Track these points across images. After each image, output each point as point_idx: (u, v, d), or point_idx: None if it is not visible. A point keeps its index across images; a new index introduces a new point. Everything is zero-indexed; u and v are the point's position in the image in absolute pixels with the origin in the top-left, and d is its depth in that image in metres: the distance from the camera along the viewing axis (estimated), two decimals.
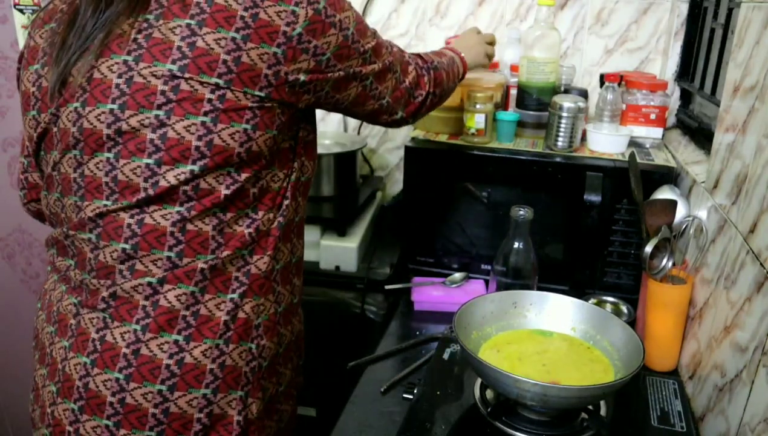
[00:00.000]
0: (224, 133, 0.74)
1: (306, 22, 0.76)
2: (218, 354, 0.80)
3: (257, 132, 0.76)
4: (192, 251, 0.77)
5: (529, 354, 0.97)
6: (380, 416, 0.99)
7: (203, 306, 0.79)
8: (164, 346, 0.77)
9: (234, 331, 0.81)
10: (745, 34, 0.95)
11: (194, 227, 0.77)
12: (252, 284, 0.82)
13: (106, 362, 0.77)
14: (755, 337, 0.78)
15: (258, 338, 0.84)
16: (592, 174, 1.27)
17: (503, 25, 1.72)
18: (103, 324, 0.78)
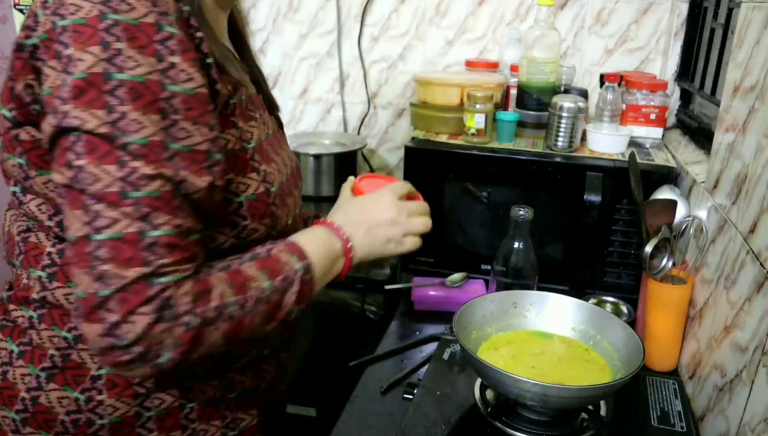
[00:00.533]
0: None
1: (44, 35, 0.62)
2: (35, 386, 0.73)
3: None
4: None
5: (523, 355, 0.97)
6: (380, 416, 0.99)
7: (36, 332, 0.74)
8: (2, 352, 0.75)
9: (60, 371, 0.73)
10: (745, 34, 0.95)
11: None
12: None
13: None
14: (755, 337, 0.78)
15: (93, 391, 0.73)
16: (592, 174, 1.27)
17: (503, 25, 1.72)
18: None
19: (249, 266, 0.69)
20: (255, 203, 0.73)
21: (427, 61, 1.81)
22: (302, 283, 0.73)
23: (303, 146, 1.72)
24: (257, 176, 0.74)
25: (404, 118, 1.88)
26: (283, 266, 0.72)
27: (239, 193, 0.71)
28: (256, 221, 0.74)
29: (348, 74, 1.88)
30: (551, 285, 1.31)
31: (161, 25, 0.61)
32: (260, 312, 0.68)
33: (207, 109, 0.64)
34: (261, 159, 0.75)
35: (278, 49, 1.89)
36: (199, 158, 0.63)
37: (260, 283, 0.69)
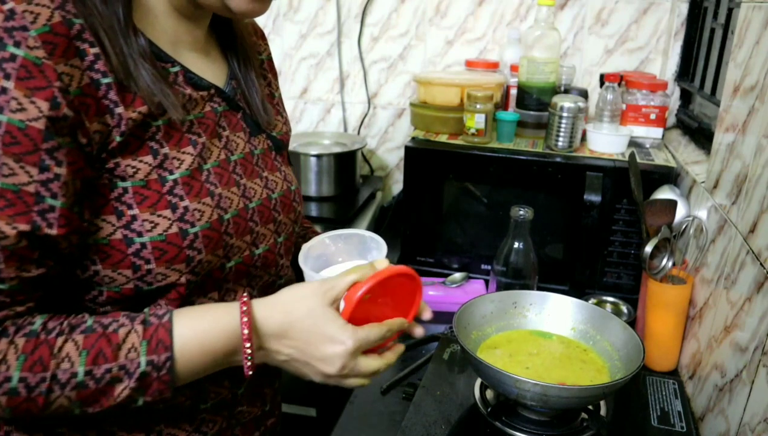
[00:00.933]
0: None
1: None
2: None
3: None
4: None
5: (519, 355, 0.97)
6: (380, 416, 0.99)
7: None
8: None
9: None
10: (745, 34, 0.95)
11: None
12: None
13: None
14: (755, 337, 0.78)
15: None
16: (592, 174, 1.27)
17: (503, 25, 1.72)
18: None
19: (71, 341, 0.59)
20: (162, 245, 0.64)
21: (427, 61, 1.81)
22: (144, 379, 0.61)
23: (303, 146, 1.72)
24: (171, 214, 0.64)
25: (404, 118, 1.88)
26: (120, 353, 0.60)
27: (143, 232, 0.63)
28: (164, 266, 0.64)
29: (348, 74, 1.88)
30: (551, 285, 1.31)
31: (4, 43, 0.54)
32: (68, 397, 0.59)
33: (38, 147, 0.56)
34: (186, 192, 0.66)
35: (278, 49, 1.89)
36: (27, 200, 0.56)
37: (72, 366, 0.59)
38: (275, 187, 0.80)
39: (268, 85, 0.90)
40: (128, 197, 0.62)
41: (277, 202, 0.79)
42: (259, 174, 0.78)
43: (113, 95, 0.60)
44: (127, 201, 0.63)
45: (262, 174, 0.78)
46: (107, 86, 0.60)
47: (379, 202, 1.83)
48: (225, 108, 0.75)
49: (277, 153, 0.83)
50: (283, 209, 0.80)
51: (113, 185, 0.62)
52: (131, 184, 0.63)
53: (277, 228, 0.79)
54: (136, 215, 0.63)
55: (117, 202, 0.62)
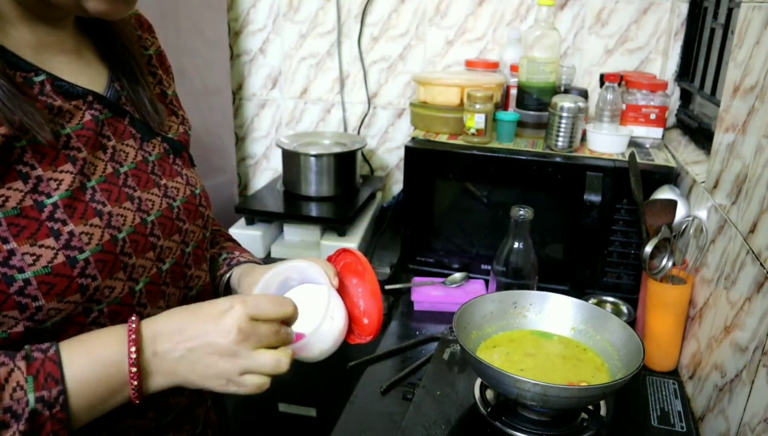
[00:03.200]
0: None
1: None
2: None
3: None
4: None
5: (517, 354, 0.97)
6: (380, 416, 0.99)
7: None
8: None
9: None
10: (745, 34, 0.95)
11: None
12: None
13: None
14: (755, 337, 0.78)
15: None
16: (592, 174, 1.27)
17: (503, 25, 1.72)
18: None
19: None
20: (49, 279, 0.57)
21: (427, 61, 1.81)
22: (36, 418, 0.54)
23: (303, 146, 1.72)
24: (54, 242, 0.58)
25: (404, 118, 1.88)
26: (3, 394, 0.53)
27: (24, 267, 0.56)
28: (55, 301, 0.58)
29: (348, 74, 1.88)
30: (551, 285, 1.31)
31: None
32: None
33: None
34: (69, 215, 0.60)
35: (278, 49, 1.89)
36: None
37: None
38: (177, 194, 0.73)
39: (159, 83, 0.80)
40: (2, 230, 0.55)
41: (181, 211, 0.73)
42: (156, 182, 0.71)
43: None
44: (1, 235, 0.55)
45: (160, 182, 0.72)
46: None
47: (379, 202, 1.84)
48: (108, 115, 0.68)
49: (176, 156, 0.76)
50: (189, 217, 0.74)
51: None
52: (3, 216, 0.55)
53: (184, 238, 0.73)
54: (14, 249, 0.56)
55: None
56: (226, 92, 1.83)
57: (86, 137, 0.64)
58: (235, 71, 1.93)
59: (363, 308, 0.79)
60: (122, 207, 0.65)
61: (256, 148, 2.03)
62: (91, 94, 0.67)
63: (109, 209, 0.64)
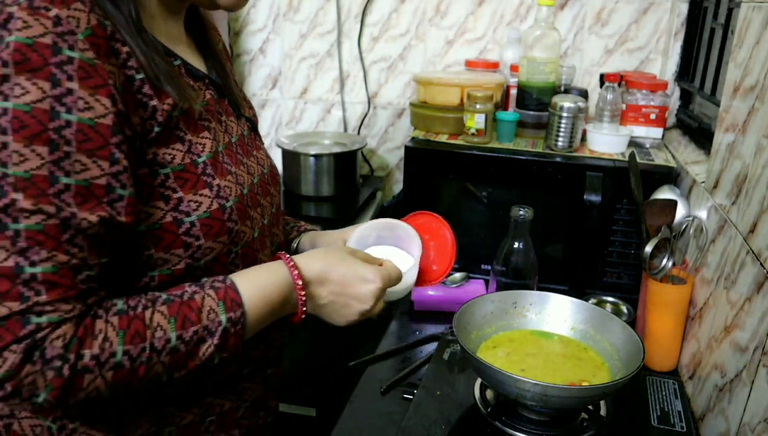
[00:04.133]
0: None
1: None
2: (8, 413, 0.72)
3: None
4: None
5: (517, 354, 0.97)
6: (380, 416, 0.99)
7: None
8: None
9: None
10: (745, 34, 0.95)
11: None
12: None
13: None
14: (755, 337, 0.78)
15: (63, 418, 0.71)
16: (592, 174, 1.27)
17: (503, 25, 1.72)
18: None
19: (157, 312, 0.64)
20: (208, 221, 0.69)
21: (427, 61, 1.81)
22: (225, 334, 0.67)
23: (303, 146, 1.72)
24: (209, 192, 0.70)
25: (404, 118, 1.88)
26: (204, 315, 0.66)
27: (190, 212, 0.68)
28: (211, 240, 0.70)
29: (348, 74, 1.88)
30: (551, 285, 1.31)
31: (59, 47, 0.57)
32: (163, 362, 0.64)
33: (108, 142, 0.60)
34: (215, 172, 0.72)
35: (278, 49, 1.89)
36: (97, 193, 0.59)
37: (165, 333, 0.63)
38: (263, 163, 0.86)
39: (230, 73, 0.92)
40: (171, 182, 0.67)
41: (267, 177, 0.86)
42: (251, 153, 0.84)
43: (147, 90, 0.64)
44: (171, 186, 0.67)
45: (253, 153, 0.84)
46: (141, 81, 0.64)
47: (379, 202, 1.83)
48: (216, 95, 0.80)
49: (255, 134, 0.90)
50: (271, 182, 0.87)
51: (155, 174, 0.66)
52: (171, 170, 0.67)
53: (271, 200, 0.86)
54: (182, 198, 0.68)
55: (162, 188, 0.67)
56: None
57: (210, 111, 0.76)
58: (235, 71, 1.93)
59: (432, 257, 0.96)
60: (239, 169, 0.77)
61: None
62: (207, 78, 0.79)
63: (234, 170, 0.76)
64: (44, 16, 0.56)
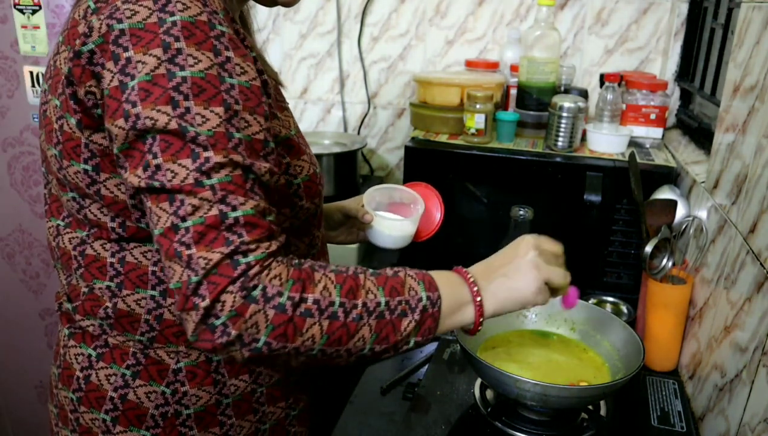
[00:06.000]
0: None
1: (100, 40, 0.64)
2: (122, 384, 0.76)
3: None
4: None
5: (517, 354, 0.97)
6: (380, 416, 0.99)
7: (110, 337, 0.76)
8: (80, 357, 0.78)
9: (144, 367, 0.75)
10: (745, 34, 0.95)
11: None
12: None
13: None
14: (755, 337, 0.78)
15: (177, 383, 0.76)
16: (592, 174, 1.27)
17: (503, 25, 1.72)
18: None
19: (367, 278, 0.68)
20: (308, 184, 0.77)
21: (427, 61, 1.81)
22: (424, 313, 0.68)
23: None
24: (307, 159, 0.77)
25: (404, 118, 1.88)
26: (406, 290, 0.68)
27: (297, 175, 0.75)
28: (309, 201, 0.77)
29: (348, 74, 1.88)
30: None
31: (213, 23, 0.63)
32: (370, 325, 0.65)
33: (261, 100, 0.66)
34: (302, 144, 0.78)
35: (278, 49, 1.89)
36: (257, 147, 0.65)
37: (375, 296, 0.66)
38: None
39: None
40: (280, 150, 0.73)
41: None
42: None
43: (259, 65, 0.69)
44: (281, 152, 0.73)
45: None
46: (254, 59, 0.68)
47: None
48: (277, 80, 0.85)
49: None
50: None
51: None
52: (281, 139, 0.73)
53: None
54: (289, 163, 0.74)
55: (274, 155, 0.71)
56: None
57: (281, 95, 0.80)
58: None
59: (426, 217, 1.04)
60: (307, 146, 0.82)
61: None
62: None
63: (307, 142, 0.82)
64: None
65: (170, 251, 0.61)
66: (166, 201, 0.61)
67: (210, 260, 0.59)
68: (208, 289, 0.59)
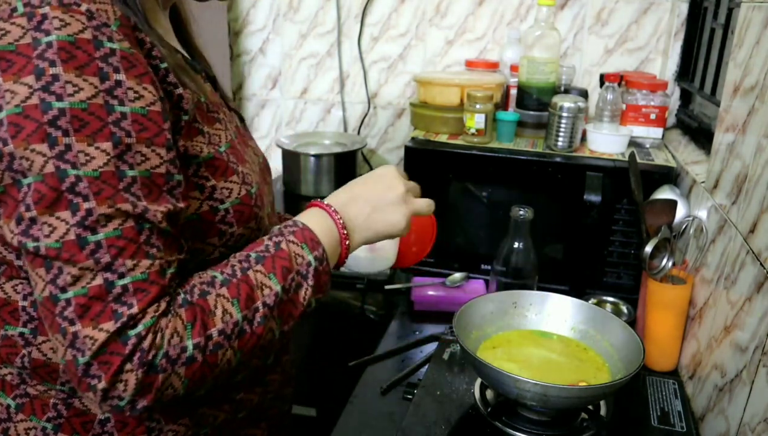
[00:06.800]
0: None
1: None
2: (6, 417, 0.69)
3: None
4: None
5: (517, 354, 0.97)
6: (380, 416, 0.99)
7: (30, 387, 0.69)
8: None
9: (66, 420, 0.68)
10: (745, 34, 0.95)
11: None
12: None
13: None
14: (755, 337, 0.78)
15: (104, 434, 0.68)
16: (592, 174, 1.27)
17: (503, 25, 1.72)
18: None
19: (257, 271, 0.65)
20: (240, 208, 0.70)
21: (427, 61, 1.81)
22: (317, 274, 0.69)
23: (303, 146, 1.72)
24: (238, 179, 0.70)
25: (404, 118, 1.88)
26: (294, 261, 0.67)
27: (224, 199, 0.68)
28: (242, 227, 0.70)
29: (348, 74, 1.88)
30: (551, 285, 1.31)
31: (100, 40, 0.55)
32: (275, 317, 0.65)
33: (162, 128, 0.59)
34: (236, 160, 0.71)
35: (278, 49, 1.89)
36: (158, 182, 0.58)
37: (271, 289, 0.65)
38: (259, 154, 0.86)
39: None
40: (203, 171, 0.66)
41: (263, 166, 0.86)
42: (248, 143, 0.83)
43: (172, 78, 0.63)
44: (203, 175, 0.66)
45: (249, 143, 0.83)
46: (165, 71, 0.62)
47: None
48: (211, 87, 0.78)
49: (243, 124, 0.87)
50: (267, 172, 0.87)
51: (188, 163, 0.65)
52: (202, 160, 0.66)
53: (269, 189, 0.85)
54: (215, 185, 0.67)
55: (195, 178, 0.66)
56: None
57: (214, 103, 0.74)
58: (235, 71, 1.93)
59: (413, 239, 0.98)
60: (247, 157, 0.76)
61: None
62: (203, 71, 0.77)
63: (245, 156, 0.75)
64: (77, 12, 0.54)
65: (53, 325, 0.55)
66: (42, 266, 0.54)
67: (96, 340, 0.54)
68: (101, 369, 0.54)
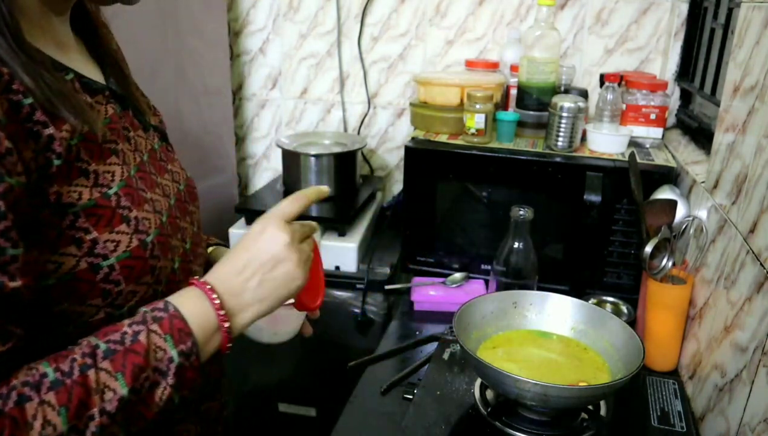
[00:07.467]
0: None
1: None
2: None
3: None
4: None
5: (517, 354, 0.97)
6: (380, 416, 0.99)
7: None
8: None
9: None
10: (745, 34, 0.95)
11: None
12: None
13: None
14: (755, 337, 0.78)
15: None
16: (592, 174, 1.27)
17: (503, 25, 1.72)
18: None
19: (100, 369, 0.54)
20: (129, 262, 0.60)
21: (427, 61, 1.81)
22: (180, 370, 0.58)
23: (303, 146, 1.72)
24: (127, 227, 0.61)
25: (404, 118, 1.88)
26: (152, 357, 0.57)
27: (108, 254, 0.58)
28: (133, 283, 0.61)
29: (348, 74, 1.88)
30: (551, 285, 1.31)
31: None
32: (118, 423, 0.54)
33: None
34: (130, 203, 0.62)
35: (278, 49, 1.89)
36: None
37: (115, 393, 0.54)
38: (179, 179, 0.77)
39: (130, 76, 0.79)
40: (82, 222, 0.57)
41: (185, 193, 0.77)
42: (165, 169, 0.74)
43: (39, 116, 0.54)
44: (82, 226, 0.57)
45: (167, 168, 0.75)
46: (30, 107, 0.53)
47: (379, 202, 1.83)
48: (120, 108, 0.69)
49: (166, 144, 0.79)
50: (190, 198, 0.78)
51: (63, 214, 0.56)
52: (81, 208, 0.57)
53: (192, 219, 0.77)
54: (96, 238, 0.58)
55: (72, 230, 0.56)
56: (225, 92, 1.83)
57: (115, 130, 0.66)
58: (235, 71, 1.93)
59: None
60: (155, 193, 0.68)
61: (256, 148, 2.03)
62: (107, 90, 0.68)
63: (150, 196, 0.66)
64: None
65: None
66: None
67: None
68: None
